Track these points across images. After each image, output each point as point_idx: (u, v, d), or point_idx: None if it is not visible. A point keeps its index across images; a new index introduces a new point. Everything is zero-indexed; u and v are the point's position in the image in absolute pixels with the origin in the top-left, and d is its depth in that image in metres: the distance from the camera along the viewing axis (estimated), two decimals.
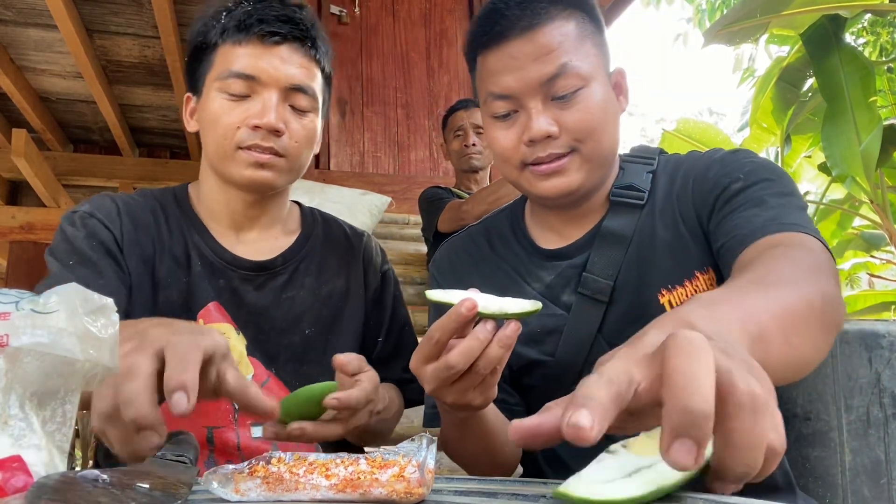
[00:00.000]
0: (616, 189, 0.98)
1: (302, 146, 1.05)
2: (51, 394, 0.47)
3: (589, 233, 0.99)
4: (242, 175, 1.02)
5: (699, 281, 0.90)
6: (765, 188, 0.87)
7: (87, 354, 0.47)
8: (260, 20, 1.01)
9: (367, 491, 0.57)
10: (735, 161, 0.92)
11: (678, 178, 0.97)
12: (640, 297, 0.92)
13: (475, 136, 2.74)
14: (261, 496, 0.58)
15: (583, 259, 0.97)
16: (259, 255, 1.10)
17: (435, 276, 1.10)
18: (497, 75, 0.92)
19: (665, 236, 0.93)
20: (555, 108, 0.90)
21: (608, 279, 0.93)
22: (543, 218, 1.04)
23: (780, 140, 4.30)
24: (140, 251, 1.03)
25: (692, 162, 0.98)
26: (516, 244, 1.05)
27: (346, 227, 1.23)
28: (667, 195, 0.96)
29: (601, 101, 0.91)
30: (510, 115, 0.93)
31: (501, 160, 0.97)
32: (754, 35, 3.79)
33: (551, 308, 0.96)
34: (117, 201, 1.07)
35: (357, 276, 1.17)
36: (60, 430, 0.48)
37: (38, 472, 0.45)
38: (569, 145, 0.91)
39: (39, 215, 3.75)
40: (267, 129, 1.00)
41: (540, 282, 0.99)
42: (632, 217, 0.95)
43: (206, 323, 1.04)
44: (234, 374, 0.68)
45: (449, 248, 1.12)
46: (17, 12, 2.70)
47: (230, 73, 1.01)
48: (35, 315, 0.46)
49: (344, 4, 3.97)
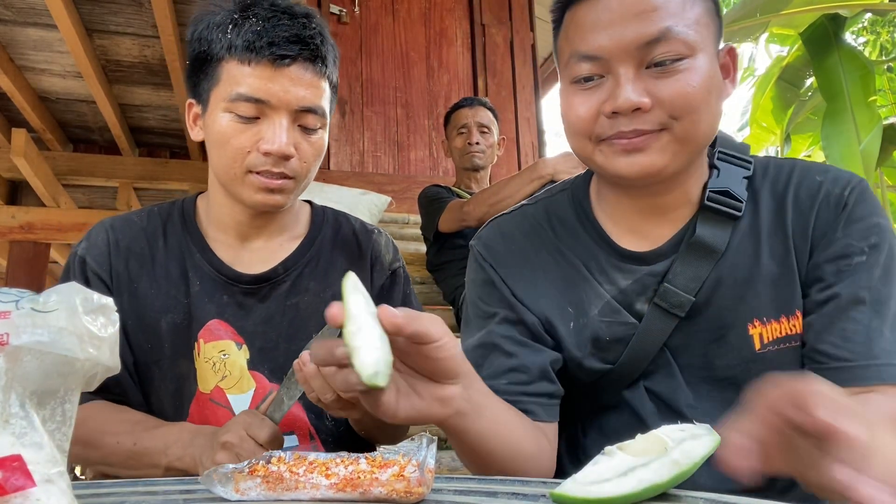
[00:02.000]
0: (712, 193, 0.86)
1: (311, 165, 1.06)
2: (50, 393, 0.47)
3: (675, 237, 0.88)
4: (253, 199, 1.03)
5: (798, 320, 0.83)
6: (884, 281, 0.81)
7: (86, 353, 0.47)
8: (270, 43, 0.97)
9: (366, 490, 0.57)
10: (862, 223, 0.83)
11: (790, 205, 0.86)
12: (721, 319, 0.85)
13: (478, 135, 2.75)
14: (261, 495, 0.58)
15: (664, 266, 0.87)
16: (262, 265, 1.11)
17: (482, 254, 0.96)
18: (587, 32, 0.80)
19: (771, 265, 0.84)
20: (649, 77, 0.78)
21: (690, 293, 0.84)
22: (617, 209, 0.92)
23: (780, 139, 4.31)
24: (131, 287, 1.07)
25: (811, 185, 0.86)
26: (586, 236, 0.93)
27: (356, 225, 1.22)
28: (777, 220, 0.86)
29: (706, 77, 0.78)
30: (594, 79, 0.81)
31: (572, 132, 0.85)
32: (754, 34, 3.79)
33: (623, 315, 0.88)
34: (111, 235, 1.10)
35: (364, 274, 1.16)
36: (60, 429, 0.48)
37: (39, 470, 0.45)
38: (660, 122, 0.78)
39: (39, 215, 3.75)
40: (278, 156, 0.99)
41: (614, 285, 0.89)
42: (724, 228, 0.85)
43: (207, 341, 1.06)
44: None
45: (501, 224, 0.99)
46: (16, 12, 2.70)
47: (238, 95, 0.98)
48: (35, 314, 0.46)
49: (344, 4, 3.97)
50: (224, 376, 1.05)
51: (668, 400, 0.87)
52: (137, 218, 1.13)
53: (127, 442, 0.97)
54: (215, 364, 1.05)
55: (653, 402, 0.88)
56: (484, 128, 2.76)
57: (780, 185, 0.87)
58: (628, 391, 0.90)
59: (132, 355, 1.06)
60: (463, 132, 2.77)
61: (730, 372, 0.85)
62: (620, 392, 0.90)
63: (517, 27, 4.27)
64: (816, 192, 0.85)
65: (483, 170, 2.82)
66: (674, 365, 0.87)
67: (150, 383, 1.07)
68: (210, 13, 1.04)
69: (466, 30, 4.26)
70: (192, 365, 1.06)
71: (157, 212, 1.14)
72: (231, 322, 1.07)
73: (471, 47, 4.23)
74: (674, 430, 0.63)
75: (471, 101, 2.83)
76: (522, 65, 4.20)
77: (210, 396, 1.05)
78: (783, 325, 0.83)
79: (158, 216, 1.13)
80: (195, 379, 1.06)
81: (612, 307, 0.89)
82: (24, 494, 0.43)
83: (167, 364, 1.06)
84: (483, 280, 0.95)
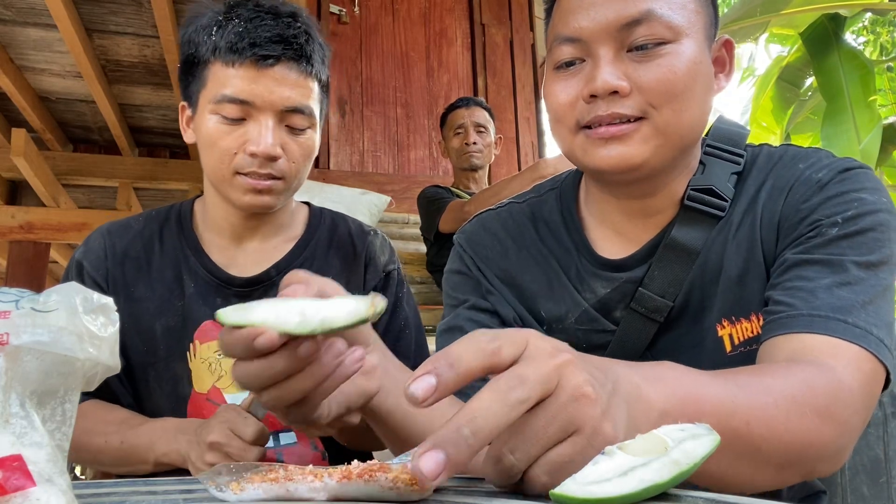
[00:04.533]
0: (693, 191, 0.81)
1: (300, 165, 1.05)
2: (50, 393, 0.47)
3: (653, 240, 0.84)
4: (241, 200, 1.03)
5: None
6: (857, 247, 0.72)
7: (86, 353, 0.47)
8: (252, 44, 0.97)
9: (372, 476, 0.57)
10: (841, 196, 0.75)
11: (764, 192, 0.80)
12: (699, 323, 0.80)
13: (475, 135, 2.75)
14: (260, 494, 0.58)
15: (642, 272, 0.83)
16: (256, 267, 1.11)
17: (463, 247, 0.95)
18: (569, 14, 0.78)
19: (736, 259, 0.79)
20: (630, 60, 0.75)
21: (668, 298, 0.80)
22: (603, 210, 0.88)
23: (780, 139, 4.31)
24: (127, 291, 1.08)
25: (789, 173, 0.80)
26: (568, 241, 0.90)
27: (352, 226, 1.22)
28: (748, 209, 0.80)
29: (691, 64, 0.74)
30: (574, 63, 0.78)
31: (554, 120, 0.82)
32: (754, 34, 3.79)
33: (602, 323, 0.85)
34: (107, 241, 1.11)
35: (357, 276, 1.16)
36: (60, 429, 0.48)
37: (39, 470, 0.45)
38: (640, 108, 0.74)
39: (39, 215, 3.75)
40: (264, 157, 0.99)
41: (593, 293, 0.86)
42: (704, 229, 0.80)
43: (202, 342, 1.07)
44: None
45: (485, 220, 0.97)
46: (16, 12, 2.70)
47: (223, 97, 0.98)
48: (35, 314, 0.46)
49: (343, 4, 3.97)
50: (220, 376, 1.06)
51: None
52: (135, 223, 1.14)
53: (114, 441, 0.98)
54: (211, 364, 1.06)
55: None
56: (480, 127, 2.76)
57: (762, 175, 0.81)
58: None
59: (125, 359, 1.06)
60: (460, 132, 2.77)
61: None
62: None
63: (517, 27, 4.27)
64: (793, 178, 0.79)
65: (481, 169, 2.82)
66: None
67: (145, 386, 1.07)
68: (199, 15, 1.04)
69: (466, 30, 4.26)
70: (187, 366, 1.06)
71: (155, 216, 1.15)
72: None
73: (471, 47, 4.23)
74: (674, 430, 0.63)
75: (466, 101, 2.82)
76: (522, 65, 4.20)
77: (207, 396, 1.06)
78: (753, 324, 0.78)
79: (156, 220, 1.14)
80: (190, 380, 1.06)
81: (589, 315, 0.86)
82: (24, 494, 0.43)
83: (162, 366, 1.06)
84: (459, 270, 0.95)
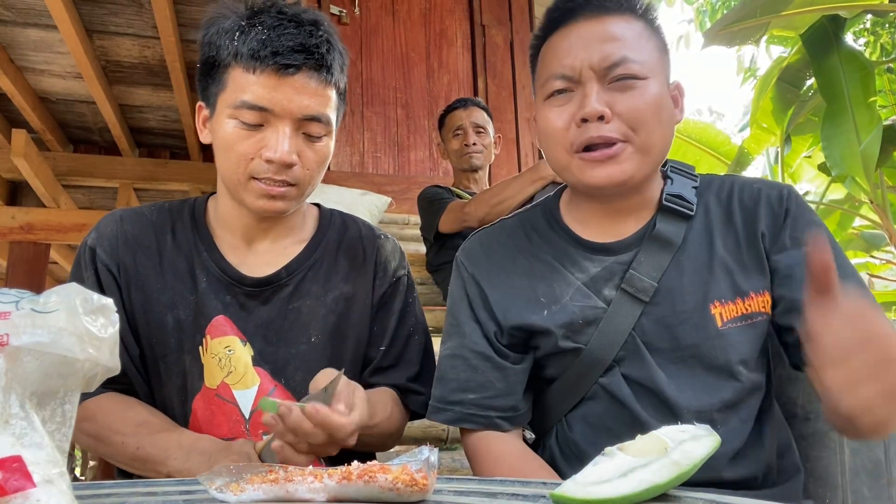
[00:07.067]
0: (669, 195, 1.01)
1: (314, 172, 1.06)
2: (50, 393, 0.47)
3: (638, 232, 1.01)
4: (255, 204, 1.04)
5: (753, 301, 0.95)
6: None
7: (86, 354, 0.47)
8: (274, 52, 0.97)
9: (372, 478, 0.57)
10: (803, 219, 0.97)
11: (736, 206, 1.00)
12: (683, 304, 0.95)
13: (475, 135, 2.74)
14: (260, 495, 0.58)
15: (629, 257, 0.99)
16: (266, 268, 1.11)
17: (464, 264, 1.08)
18: (561, 54, 0.96)
19: (724, 256, 0.97)
20: (611, 91, 0.93)
21: (653, 280, 0.96)
22: (586, 213, 1.05)
23: (780, 140, 4.30)
24: (140, 280, 1.08)
25: (751, 195, 1.00)
26: (557, 237, 1.06)
27: (363, 229, 1.21)
28: (726, 219, 1.00)
29: (657, 97, 0.94)
30: (565, 92, 0.96)
31: (551, 144, 0.98)
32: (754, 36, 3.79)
33: (593, 300, 0.98)
34: (120, 227, 1.11)
35: (366, 280, 1.16)
36: (60, 429, 0.48)
37: (39, 470, 0.45)
38: (621, 132, 0.93)
39: (39, 215, 3.75)
40: (280, 164, 1.00)
41: (584, 273, 1.00)
42: (679, 226, 0.99)
43: (213, 337, 1.06)
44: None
45: (482, 237, 1.11)
46: (16, 12, 2.69)
47: (243, 102, 0.98)
48: (35, 314, 0.46)
49: (344, 4, 3.97)
50: (229, 372, 1.06)
51: (643, 381, 0.95)
52: (148, 212, 1.14)
53: (131, 445, 0.98)
54: (221, 360, 1.06)
55: (630, 387, 0.96)
56: (479, 128, 2.75)
57: (724, 194, 1.02)
58: (605, 378, 0.97)
59: (139, 347, 1.06)
60: (459, 134, 2.76)
61: (696, 350, 0.95)
62: (597, 381, 0.98)
63: (517, 28, 4.27)
64: (757, 195, 1.00)
65: (481, 170, 2.81)
66: (643, 349, 0.95)
67: (156, 377, 1.07)
68: (221, 17, 1.04)
69: (466, 30, 4.26)
70: (199, 360, 1.06)
71: (168, 208, 1.15)
72: (234, 320, 1.08)
73: (471, 48, 4.23)
74: (674, 431, 0.63)
75: (464, 101, 2.81)
76: (522, 65, 4.20)
77: (216, 392, 1.06)
78: (738, 306, 0.95)
79: (168, 212, 1.14)
80: (201, 374, 1.06)
81: (582, 292, 0.99)
82: (24, 495, 0.43)
83: (173, 359, 1.06)
84: (463, 290, 1.06)
